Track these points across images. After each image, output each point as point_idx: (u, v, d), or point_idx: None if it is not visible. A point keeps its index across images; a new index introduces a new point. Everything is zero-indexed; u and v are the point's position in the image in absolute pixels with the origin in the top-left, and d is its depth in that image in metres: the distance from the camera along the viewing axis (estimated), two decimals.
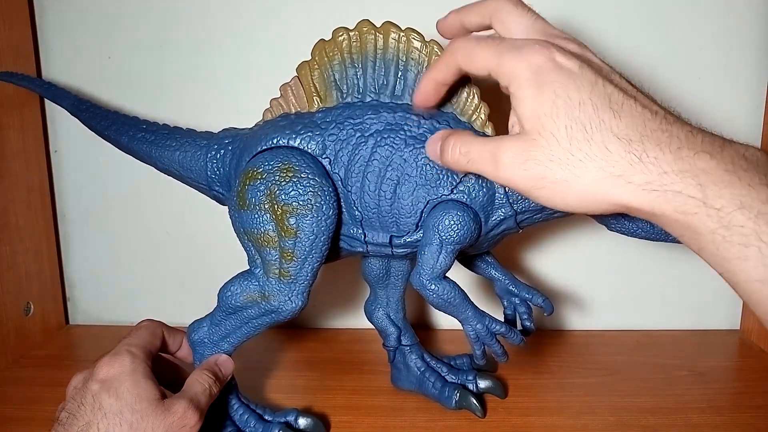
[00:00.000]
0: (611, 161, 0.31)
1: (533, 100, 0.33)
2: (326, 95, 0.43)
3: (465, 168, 0.36)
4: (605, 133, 0.31)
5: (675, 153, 0.30)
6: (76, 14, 0.62)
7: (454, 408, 0.49)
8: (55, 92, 0.55)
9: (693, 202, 0.29)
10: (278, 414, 0.45)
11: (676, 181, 0.30)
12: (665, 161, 0.30)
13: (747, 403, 0.51)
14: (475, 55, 0.35)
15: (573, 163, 0.32)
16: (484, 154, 0.35)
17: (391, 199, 0.42)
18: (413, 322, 0.54)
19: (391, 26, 0.41)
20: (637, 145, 0.31)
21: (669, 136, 0.31)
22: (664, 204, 0.30)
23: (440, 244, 0.41)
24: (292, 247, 0.41)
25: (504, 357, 0.44)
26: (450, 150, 0.37)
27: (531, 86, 0.33)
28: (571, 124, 0.32)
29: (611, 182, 0.31)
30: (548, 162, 0.32)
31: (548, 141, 0.32)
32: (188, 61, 0.62)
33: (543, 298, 0.48)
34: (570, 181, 0.32)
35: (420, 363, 0.52)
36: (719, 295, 0.65)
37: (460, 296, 0.42)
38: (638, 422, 0.48)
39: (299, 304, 0.42)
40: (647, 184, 0.30)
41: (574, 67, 0.33)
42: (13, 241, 0.59)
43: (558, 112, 0.32)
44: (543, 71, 0.33)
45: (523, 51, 0.33)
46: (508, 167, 0.33)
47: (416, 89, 0.41)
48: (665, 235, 0.40)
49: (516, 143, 0.33)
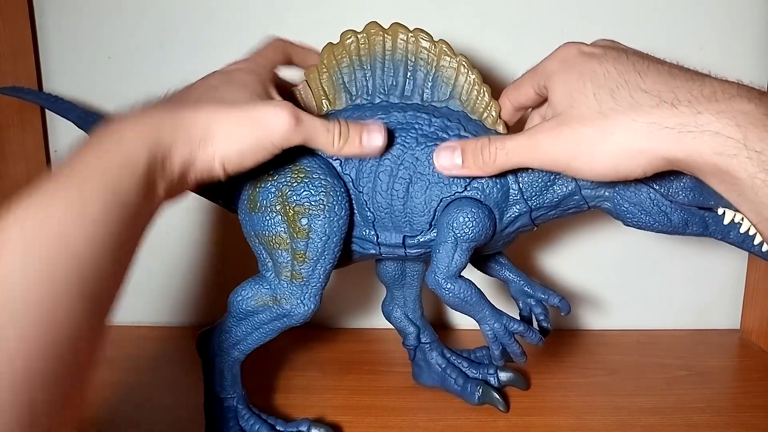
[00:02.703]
0: (642, 112, 0.31)
1: (562, 83, 0.35)
2: (335, 98, 0.43)
3: (501, 164, 0.37)
4: (633, 89, 0.32)
5: (709, 97, 0.30)
6: (76, 14, 0.62)
7: (477, 403, 0.49)
8: (61, 105, 0.56)
9: (732, 143, 0.29)
10: (290, 424, 0.45)
11: (713, 121, 0.29)
12: (699, 103, 0.30)
13: (747, 402, 0.51)
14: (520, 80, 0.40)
15: (604, 122, 0.32)
16: (521, 142, 0.36)
17: (404, 198, 0.42)
18: (431, 321, 0.54)
19: (399, 27, 0.42)
20: (667, 94, 0.31)
21: (701, 84, 0.31)
22: (701, 145, 0.30)
23: (455, 242, 0.41)
24: (304, 249, 0.41)
25: (522, 357, 0.44)
26: (484, 151, 0.38)
27: (560, 73, 0.35)
28: (598, 90, 0.33)
29: (644, 132, 0.31)
30: (581, 127, 0.33)
31: (579, 109, 0.33)
32: (189, 62, 0.62)
33: (559, 298, 0.48)
34: (604, 141, 0.33)
35: (441, 360, 0.52)
36: (720, 294, 0.66)
37: (477, 295, 0.42)
38: (638, 422, 0.48)
39: (311, 307, 0.42)
40: (682, 126, 0.30)
41: (598, 51, 0.35)
42: None
43: (585, 85, 0.34)
44: (570, 59, 0.35)
45: (554, 52, 0.37)
46: (547, 144, 0.35)
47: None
48: (682, 226, 0.40)
49: (550, 123, 0.35)
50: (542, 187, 0.41)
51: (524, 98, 0.41)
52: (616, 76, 0.33)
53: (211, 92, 0.36)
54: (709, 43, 0.61)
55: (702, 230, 0.40)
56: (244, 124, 0.35)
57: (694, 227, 0.40)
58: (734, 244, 0.41)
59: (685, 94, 0.31)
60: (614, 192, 0.40)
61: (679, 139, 0.30)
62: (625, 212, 0.41)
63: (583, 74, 0.34)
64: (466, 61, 0.41)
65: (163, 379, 0.51)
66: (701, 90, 0.30)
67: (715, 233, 0.41)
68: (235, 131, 0.35)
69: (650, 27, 0.60)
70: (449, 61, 0.41)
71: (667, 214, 0.40)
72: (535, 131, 0.36)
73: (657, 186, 0.39)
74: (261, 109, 0.36)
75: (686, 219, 0.40)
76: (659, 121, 0.31)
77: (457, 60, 0.41)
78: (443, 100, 0.42)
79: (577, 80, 0.34)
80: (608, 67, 0.34)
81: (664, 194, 0.39)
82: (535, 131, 0.36)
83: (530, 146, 0.36)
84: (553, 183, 0.41)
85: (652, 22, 0.60)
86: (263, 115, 0.35)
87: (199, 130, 0.34)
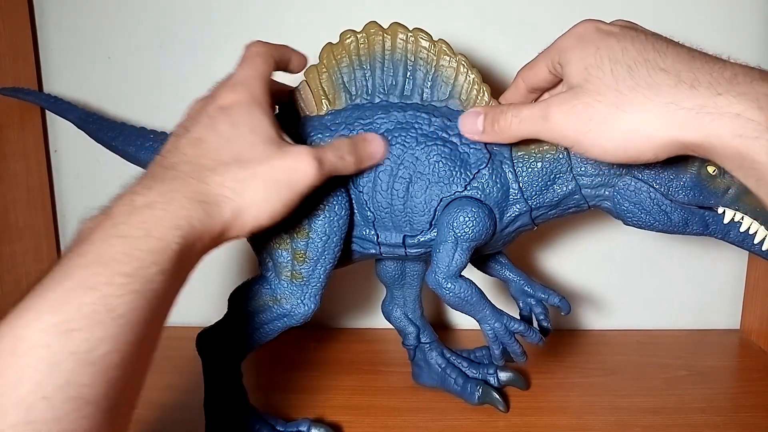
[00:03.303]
0: (659, 92, 0.30)
1: (578, 58, 0.34)
2: (335, 98, 0.43)
3: (515, 131, 0.37)
4: (651, 67, 0.31)
5: (730, 79, 0.29)
6: (76, 14, 0.62)
7: (477, 403, 0.49)
8: (61, 106, 0.56)
9: (753, 126, 0.28)
10: (290, 424, 0.45)
11: (734, 102, 0.28)
12: (719, 85, 0.29)
13: (747, 402, 0.51)
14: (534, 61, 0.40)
15: (619, 99, 0.32)
16: (535, 112, 0.36)
17: (404, 197, 0.42)
18: (430, 321, 0.54)
19: (398, 27, 0.42)
20: (686, 74, 0.30)
21: (722, 67, 0.30)
22: (720, 128, 0.29)
23: (455, 242, 0.41)
24: (304, 248, 0.41)
25: (523, 357, 0.44)
26: (501, 117, 0.37)
27: (576, 48, 0.34)
28: (615, 66, 0.32)
29: (660, 112, 0.30)
30: (595, 102, 0.32)
31: (594, 84, 0.33)
32: (189, 62, 0.62)
33: (559, 298, 0.48)
34: (617, 119, 0.32)
35: (440, 360, 0.52)
36: (719, 294, 0.65)
37: (477, 295, 0.42)
38: (638, 422, 0.48)
39: (312, 307, 0.42)
40: (701, 107, 0.29)
41: (616, 29, 0.34)
42: (13, 241, 0.59)
43: (602, 60, 0.33)
44: (586, 35, 0.35)
45: (571, 29, 0.36)
46: (558, 117, 0.34)
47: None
48: (683, 226, 0.40)
49: (564, 95, 0.34)
50: (542, 186, 0.41)
51: (537, 78, 0.39)
52: (634, 53, 0.32)
53: (227, 149, 0.34)
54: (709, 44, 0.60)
55: (702, 229, 0.40)
56: (270, 187, 0.34)
57: (694, 226, 0.40)
58: (734, 243, 0.41)
59: (705, 76, 0.30)
60: (614, 191, 0.40)
61: (697, 121, 0.29)
62: (626, 211, 0.41)
63: (600, 49, 0.33)
64: (466, 60, 0.41)
65: (163, 379, 0.51)
66: (722, 72, 0.30)
67: (715, 232, 0.41)
68: (264, 197, 0.34)
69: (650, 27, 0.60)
70: (449, 60, 0.41)
71: (667, 213, 0.40)
72: (548, 103, 0.35)
73: (657, 185, 0.39)
74: (284, 167, 0.35)
75: (686, 218, 0.40)
76: (677, 102, 0.30)
77: (456, 59, 0.41)
78: (443, 100, 0.42)
79: (593, 55, 0.33)
80: (626, 44, 0.33)
81: (664, 193, 0.39)
82: (549, 103, 0.35)
83: (542, 117, 0.35)
84: (553, 182, 0.41)
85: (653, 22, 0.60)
86: (288, 175, 0.35)
87: (229, 207, 0.33)
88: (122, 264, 0.28)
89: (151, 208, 0.31)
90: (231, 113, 0.36)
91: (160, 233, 0.30)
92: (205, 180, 0.33)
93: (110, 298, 0.27)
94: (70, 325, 0.26)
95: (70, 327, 0.26)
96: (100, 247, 0.28)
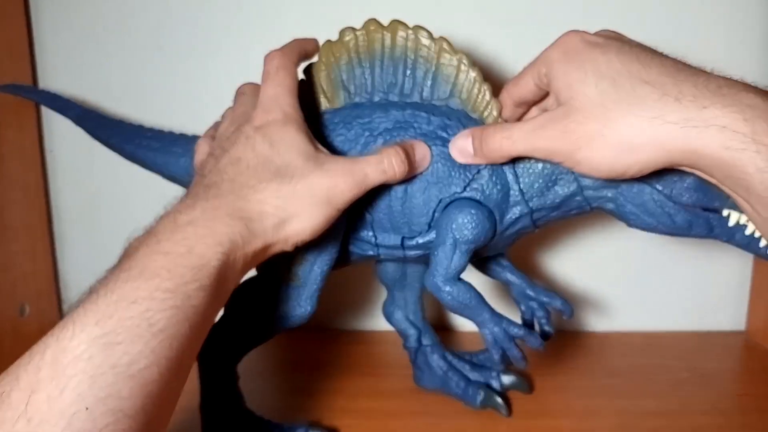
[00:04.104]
0: (644, 106, 0.31)
1: (564, 73, 0.34)
2: (334, 96, 0.42)
3: (506, 151, 0.37)
4: (634, 80, 0.32)
5: (715, 91, 0.29)
6: (73, 13, 0.61)
7: (479, 407, 0.48)
8: (60, 103, 0.55)
9: (739, 138, 0.28)
10: (287, 428, 0.44)
11: (719, 115, 0.29)
12: (704, 98, 0.29)
13: (752, 405, 0.51)
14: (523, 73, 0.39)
15: (605, 114, 0.32)
16: (524, 132, 0.36)
17: (402, 198, 0.41)
18: (432, 323, 0.54)
19: (398, 24, 0.41)
20: (671, 87, 0.30)
21: (706, 79, 0.30)
22: (707, 140, 0.29)
23: (454, 244, 0.40)
24: (301, 250, 0.40)
25: (523, 361, 0.43)
26: (491, 138, 0.38)
27: (562, 62, 0.35)
28: (599, 81, 0.32)
29: (645, 127, 0.31)
30: (583, 119, 0.33)
31: (580, 101, 0.33)
32: (188, 62, 0.61)
33: (562, 301, 0.47)
34: (605, 134, 0.32)
35: (442, 363, 0.51)
36: (724, 296, 0.65)
37: (476, 298, 0.41)
38: (642, 425, 0.47)
39: (309, 309, 0.42)
40: (686, 121, 0.29)
41: (601, 40, 0.34)
42: (8, 241, 0.59)
43: (587, 75, 0.33)
44: (571, 48, 0.35)
45: (557, 41, 0.36)
46: (549, 135, 0.35)
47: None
48: (687, 228, 0.39)
49: (553, 114, 0.35)
50: (543, 187, 0.41)
51: (524, 91, 0.39)
52: (618, 65, 0.32)
53: (266, 167, 0.35)
54: (709, 43, 0.60)
55: (706, 232, 0.40)
56: (311, 203, 0.35)
57: (699, 229, 0.40)
58: (740, 246, 0.40)
59: (690, 88, 0.30)
60: (617, 193, 0.40)
61: (683, 135, 0.30)
62: (629, 213, 0.40)
63: (585, 62, 0.33)
64: (467, 58, 0.41)
65: None
66: (706, 84, 0.30)
67: (720, 235, 0.40)
68: (306, 212, 0.35)
69: (651, 26, 0.59)
70: (449, 58, 0.41)
71: (670, 215, 0.39)
72: (539, 121, 0.36)
73: (660, 187, 0.39)
74: (323, 185, 0.35)
75: (690, 220, 0.39)
76: (662, 116, 0.30)
77: (457, 58, 0.41)
78: (443, 99, 0.42)
79: (578, 69, 0.33)
80: (611, 56, 0.33)
81: (667, 195, 0.39)
82: (539, 121, 0.36)
83: (534, 136, 0.36)
84: (555, 183, 0.40)
85: (653, 22, 0.60)
86: (327, 192, 0.35)
87: (271, 223, 0.34)
88: (164, 279, 0.29)
89: (194, 225, 0.31)
90: (267, 132, 0.36)
91: (201, 250, 0.30)
92: (246, 197, 0.34)
93: (151, 312, 0.27)
94: (112, 338, 0.26)
95: (112, 340, 0.26)
96: (144, 263, 0.29)
